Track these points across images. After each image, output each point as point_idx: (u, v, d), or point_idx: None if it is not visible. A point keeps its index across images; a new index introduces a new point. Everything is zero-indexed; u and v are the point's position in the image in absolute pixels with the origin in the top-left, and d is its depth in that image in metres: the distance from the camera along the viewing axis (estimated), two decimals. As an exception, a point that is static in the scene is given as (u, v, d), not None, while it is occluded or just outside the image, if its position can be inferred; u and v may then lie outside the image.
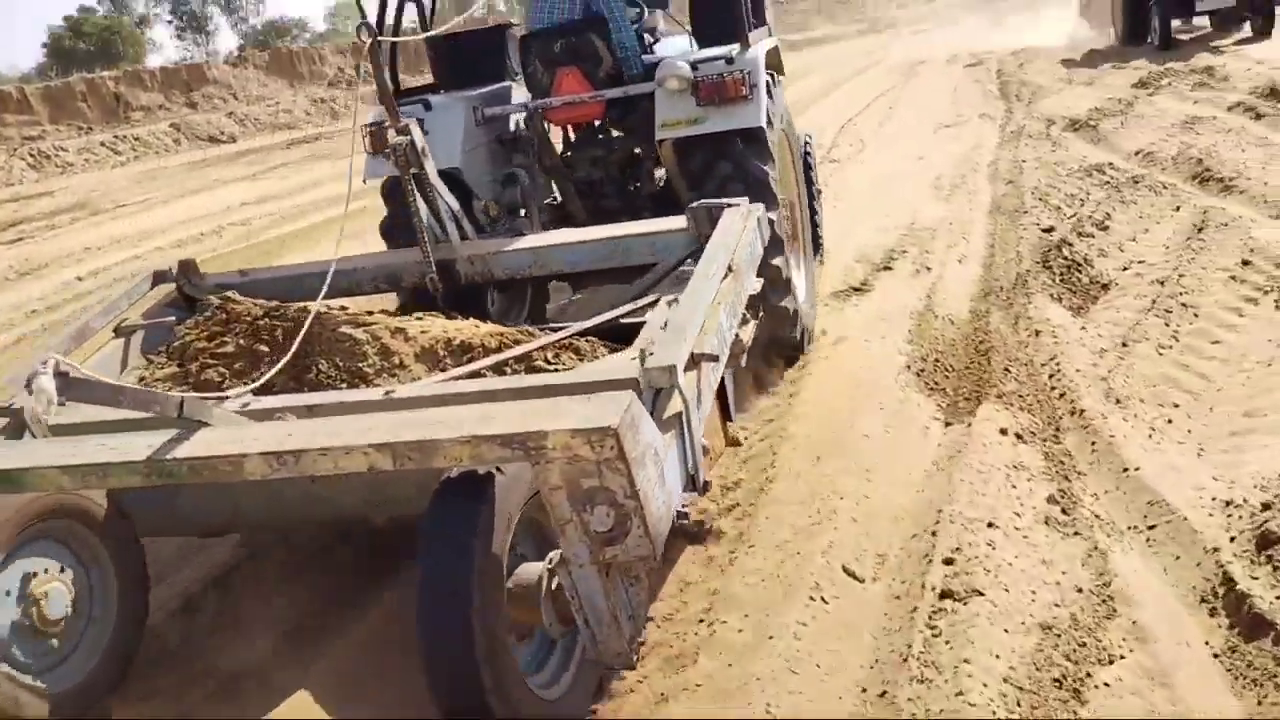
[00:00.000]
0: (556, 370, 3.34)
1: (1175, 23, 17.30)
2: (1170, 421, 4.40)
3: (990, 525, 3.49)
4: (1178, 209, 7.36)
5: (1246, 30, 17.01)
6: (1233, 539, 3.35)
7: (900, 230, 7.78)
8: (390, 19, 5.59)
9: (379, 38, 4.19)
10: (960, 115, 13.97)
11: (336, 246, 3.94)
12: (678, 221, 4.17)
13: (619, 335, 3.55)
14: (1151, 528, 3.58)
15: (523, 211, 5.45)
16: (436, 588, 2.49)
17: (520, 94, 5.79)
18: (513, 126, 5.73)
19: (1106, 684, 2.84)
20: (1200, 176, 8.07)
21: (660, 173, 5.75)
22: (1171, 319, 5.34)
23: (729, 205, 3.99)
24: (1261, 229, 6.42)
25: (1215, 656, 2.92)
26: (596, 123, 5.87)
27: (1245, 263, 5.96)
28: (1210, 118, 10.35)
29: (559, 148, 5.95)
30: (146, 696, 3.26)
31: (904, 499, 3.93)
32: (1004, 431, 4.31)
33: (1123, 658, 2.94)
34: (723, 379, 3.47)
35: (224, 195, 15.94)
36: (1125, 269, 6.36)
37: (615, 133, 5.92)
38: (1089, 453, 4.20)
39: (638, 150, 5.78)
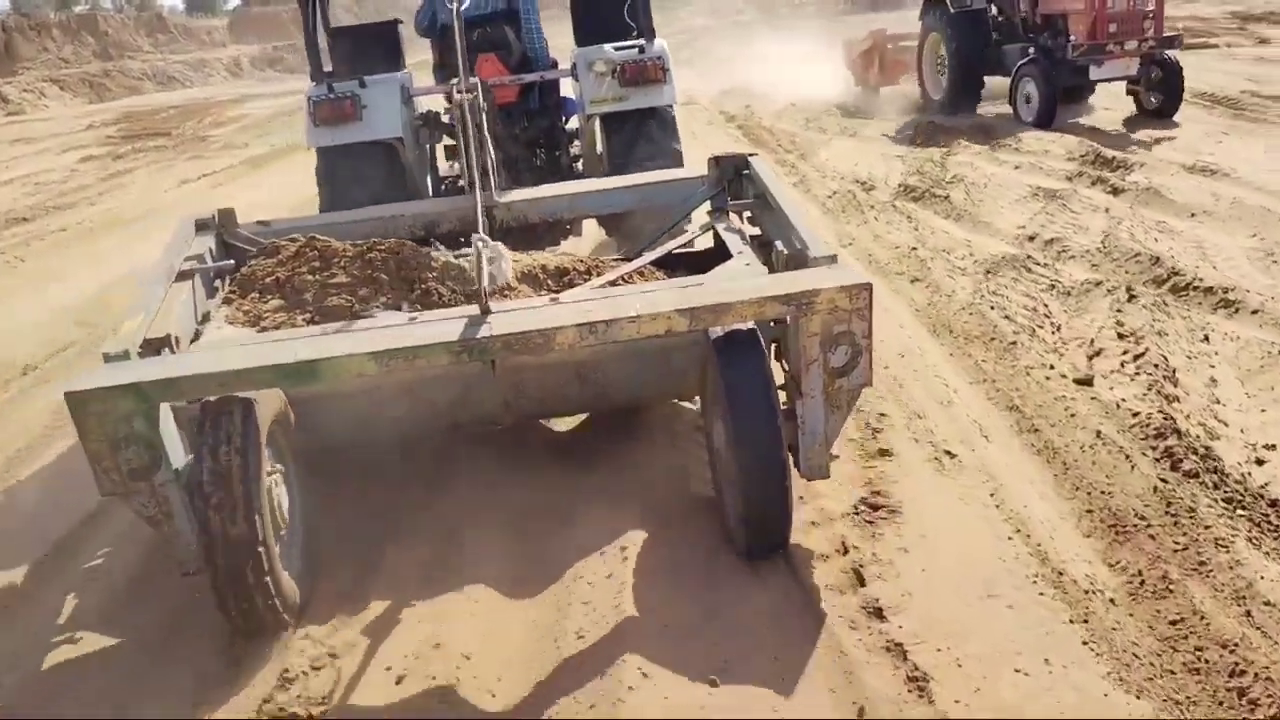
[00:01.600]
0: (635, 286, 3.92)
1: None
2: None
3: None
4: (1206, 339, 5.33)
5: (1097, 107, 13.01)
6: None
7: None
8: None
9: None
10: (729, 166, 11.71)
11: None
12: (696, 171, 5.04)
13: (659, 263, 4.23)
14: None
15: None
16: (753, 425, 3.17)
17: (420, 81, 6.50)
18: (421, 109, 6.37)
19: None
20: (1170, 283, 6.15)
21: (574, 149, 6.82)
22: None
23: (751, 155, 4.74)
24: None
25: None
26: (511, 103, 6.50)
27: None
28: (1069, 190, 8.73)
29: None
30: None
31: None
32: None
33: None
34: None
35: None
36: (1260, 462, 4.11)
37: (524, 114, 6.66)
38: None
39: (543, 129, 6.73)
